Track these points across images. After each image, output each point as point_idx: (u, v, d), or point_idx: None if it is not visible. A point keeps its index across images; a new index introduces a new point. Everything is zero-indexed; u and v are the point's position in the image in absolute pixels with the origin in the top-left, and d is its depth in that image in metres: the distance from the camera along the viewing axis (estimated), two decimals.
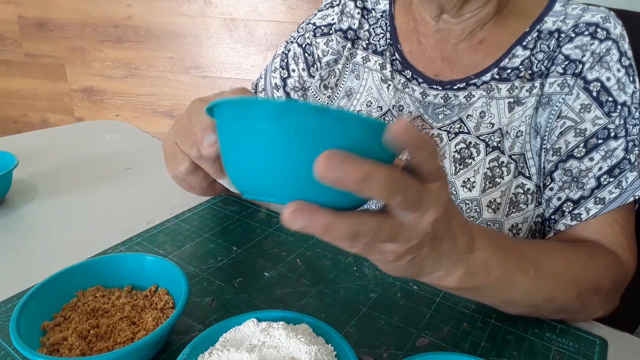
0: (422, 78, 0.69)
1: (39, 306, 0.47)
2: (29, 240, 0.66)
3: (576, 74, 0.61)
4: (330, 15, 0.77)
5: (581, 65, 0.61)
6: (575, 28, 0.62)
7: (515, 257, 0.45)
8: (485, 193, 0.63)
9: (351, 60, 0.75)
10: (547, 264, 0.48)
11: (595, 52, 0.61)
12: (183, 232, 0.67)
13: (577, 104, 0.61)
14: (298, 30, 0.81)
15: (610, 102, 0.59)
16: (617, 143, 0.59)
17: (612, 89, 0.60)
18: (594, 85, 0.60)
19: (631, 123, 0.59)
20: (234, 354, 0.41)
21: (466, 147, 0.64)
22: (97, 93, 2.37)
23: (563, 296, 0.49)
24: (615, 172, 0.58)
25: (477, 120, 0.65)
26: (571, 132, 0.60)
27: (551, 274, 0.48)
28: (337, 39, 0.75)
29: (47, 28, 2.28)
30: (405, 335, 0.50)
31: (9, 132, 2.09)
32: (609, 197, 0.58)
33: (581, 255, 0.53)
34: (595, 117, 0.60)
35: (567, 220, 0.60)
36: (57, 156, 0.94)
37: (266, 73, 0.83)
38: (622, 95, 0.59)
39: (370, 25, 0.75)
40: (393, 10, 0.75)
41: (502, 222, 0.63)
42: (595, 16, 0.62)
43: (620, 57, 0.60)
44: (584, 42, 0.61)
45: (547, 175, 0.63)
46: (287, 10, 2.03)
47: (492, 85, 0.65)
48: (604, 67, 0.60)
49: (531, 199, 0.63)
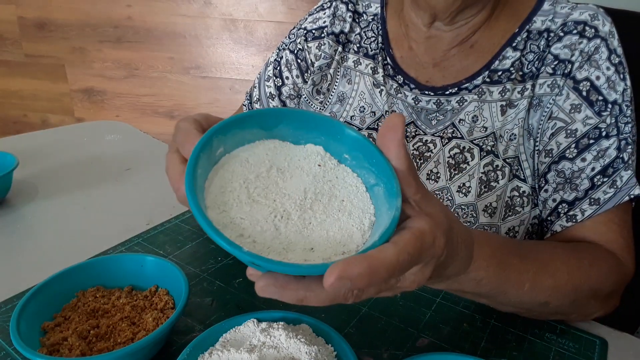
0: (414, 84, 0.68)
1: (39, 306, 0.47)
2: (29, 240, 0.66)
3: (565, 74, 0.61)
4: (322, 18, 0.76)
5: (570, 65, 0.60)
6: (564, 27, 0.62)
7: (514, 275, 0.45)
8: (481, 198, 0.63)
9: (342, 64, 0.74)
10: (547, 277, 0.48)
11: (584, 51, 0.60)
12: (183, 233, 0.67)
13: (567, 104, 0.60)
14: (289, 36, 0.79)
15: (601, 101, 0.59)
16: (609, 142, 0.58)
17: (602, 87, 0.59)
18: (584, 85, 0.60)
19: (623, 121, 0.58)
20: (234, 354, 0.41)
21: (460, 152, 0.64)
22: (97, 93, 2.37)
23: (558, 303, 0.49)
24: (608, 171, 0.58)
25: (469, 124, 0.64)
26: (562, 133, 0.60)
27: (549, 286, 0.48)
28: (329, 42, 0.74)
29: (47, 28, 2.28)
30: (405, 336, 0.50)
31: (9, 133, 2.09)
32: (603, 198, 0.58)
33: (584, 262, 0.52)
34: (585, 117, 0.59)
35: (563, 221, 0.60)
36: (57, 156, 0.94)
37: (260, 82, 0.82)
38: (613, 94, 0.59)
39: (362, 28, 0.74)
40: (385, 14, 0.74)
41: (499, 226, 0.63)
42: (583, 14, 0.61)
43: (610, 55, 0.60)
44: (572, 41, 0.61)
45: (541, 177, 0.62)
46: (287, 11, 2.03)
47: (484, 88, 0.64)
48: (593, 65, 0.59)
49: (527, 201, 0.63)
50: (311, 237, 0.33)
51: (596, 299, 0.52)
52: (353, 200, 0.35)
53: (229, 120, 0.36)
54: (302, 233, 0.33)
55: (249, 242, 0.32)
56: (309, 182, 0.36)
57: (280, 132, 0.38)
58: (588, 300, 0.51)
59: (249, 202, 0.34)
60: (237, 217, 0.33)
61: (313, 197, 0.35)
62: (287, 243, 0.32)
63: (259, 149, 0.37)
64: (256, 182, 0.35)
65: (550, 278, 0.48)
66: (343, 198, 0.35)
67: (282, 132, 0.38)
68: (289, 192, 0.35)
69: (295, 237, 0.33)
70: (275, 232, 0.33)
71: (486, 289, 0.44)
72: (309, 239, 0.33)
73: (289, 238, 0.33)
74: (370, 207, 0.35)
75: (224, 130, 0.36)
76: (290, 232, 0.33)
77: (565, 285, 0.49)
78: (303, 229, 0.33)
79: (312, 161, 0.37)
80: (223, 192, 0.34)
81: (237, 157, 0.36)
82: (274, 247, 0.32)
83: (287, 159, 0.37)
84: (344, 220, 0.34)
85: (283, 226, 0.33)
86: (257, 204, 0.34)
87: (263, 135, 0.38)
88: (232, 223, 0.33)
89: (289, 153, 0.38)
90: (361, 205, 0.35)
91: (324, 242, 0.33)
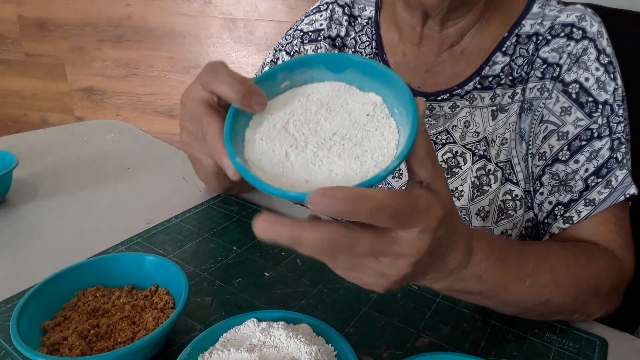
0: None
1: (39, 306, 0.47)
2: (29, 240, 0.66)
3: (554, 78, 0.60)
4: (318, 20, 0.75)
5: (559, 68, 0.60)
6: (551, 30, 0.61)
7: (513, 270, 0.45)
8: (474, 201, 0.63)
9: None
10: (545, 272, 0.48)
11: (571, 54, 0.60)
12: (183, 232, 0.67)
13: (558, 107, 0.60)
14: (285, 37, 0.79)
15: (591, 102, 0.59)
16: (601, 143, 0.58)
17: (592, 89, 0.59)
18: (573, 87, 0.59)
19: (615, 121, 0.58)
20: (234, 353, 0.41)
21: (453, 156, 0.64)
22: (97, 93, 2.37)
23: (560, 300, 0.49)
24: (602, 172, 0.58)
25: (462, 130, 0.65)
26: (554, 136, 0.60)
27: (549, 281, 0.48)
28: (326, 46, 0.74)
29: (47, 28, 2.28)
30: (405, 335, 0.50)
31: (9, 132, 2.09)
32: (598, 198, 0.58)
33: (581, 258, 0.53)
34: (576, 119, 0.59)
35: (560, 223, 0.60)
36: (57, 156, 0.94)
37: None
38: (603, 94, 0.59)
39: (357, 32, 0.74)
40: (379, 19, 0.74)
41: (492, 230, 0.63)
42: (570, 16, 0.61)
43: (599, 56, 0.59)
44: (560, 44, 0.61)
45: (536, 180, 0.62)
46: (287, 10, 2.03)
47: (475, 95, 0.64)
48: (582, 67, 0.59)
49: (520, 204, 0.63)
50: (313, 172, 0.34)
51: (597, 295, 0.51)
52: (375, 153, 0.35)
53: (295, 60, 0.39)
54: (307, 166, 0.34)
55: (255, 159, 0.35)
56: (346, 126, 0.37)
57: (348, 77, 0.39)
58: (589, 297, 0.51)
59: (280, 130, 0.36)
60: (259, 138, 0.36)
61: (339, 140, 0.36)
62: (289, 170, 0.34)
63: (324, 88, 0.39)
64: (300, 116, 0.37)
65: (550, 273, 0.48)
66: (367, 149, 0.36)
67: (350, 77, 0.39)
68: (322, 130, 0.37)
69: (300, 167, 0.34)
70: (285, 158, 0.35)
71: (488, 285, 0.43)
72: (310, 172, 0.34)
73: (293, 166, 0.34)
74: (388, 164, 0.35)
75: (289, 67, 0.39)
76: (297, 162, 0.35)
77: (564, 280, 0.49)
78: (311, 164, 0.35)
79: (365, 109, 0.38)
80: (266, 114, 0.37)
81: (300, 91, 0.39)
82: (274, 171, 0.34)
83: (344, 102, 0.38)
84: (353, 167, 0.34)
85: (294, 155, 0.35)
86: (286, 132, 0.36)
87: (332, 77, 0.39)
88: (252, 140, 0.36)
89: (350, 97, 0.39)
90: (380, 159, 0.35)
91: (323, 179, 0.34)
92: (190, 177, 0.84)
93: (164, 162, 0.92)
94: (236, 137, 0.37)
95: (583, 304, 0.51)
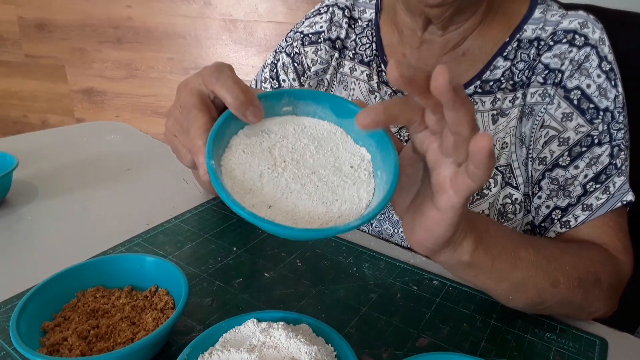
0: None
1: (39, 306, 0.47)
2: (29, 240, 0.66)
3: (556, 84, 0.61)
4: (319, 22, 0.76)
5: (560, 75, 0.60)
6: (554, 36, 0.62)
7: (513, 234, 0.48)
8: (474, 205, 0.63)
9: (339, 70, 0.74)
10: (542, 246, 0.50)
11: (574, 60, 0.60)
12: (183, 233, 0.67)
13: (559, 113, 0.60)
14: (286, 39, 0.79)
15: (592, 109, 0.59)
16: (601, 149, 0.58)
17: (593, 95, 0.59)
18: (574, 94, 0.60)
19: (615, 128, 0.59)
20: (234, 354, 0.41)
21: None
22: (97, 94, 2.37)
23: (567, 283, 0.49)
24: (601, 178, 0.58)
25: None
26: (555, 141, 0.60)
27: (549, 255, 0.49)
28: (326, 48, 0.74)
29: (47, 29, 2.29)
30: (405, 336, 0.50)
31: (9, 133, 2.09)
32: (596, 203, 0.58)
33: (572, 246, 0.54)
34: (577, 125, 0.59)
35: (557, 227, 0.60)
36: (57, 157, 0.94)
37: (256, 84, 0.81)
38: (604, 101, 0.59)
39: (357, 34, 0.74)
40: (379, 20, 0.74)
41: None
42: (572, 22, 0.61)
43: (600, 63, 0.60)
44: (562, 50, 0.61)
45: (535, 184, 0.62)
46: (287, 11, 2.03)
47: (475, 99, 0.64)
48: (584, 74, 0.60)
49: (519, 208, 0.63)
50: (279, 200, 0.35)
51: (599, 287, 0.52)
52: (344, 205, 0.36)
53: (307, 91, 0.40)
54: (275, 193, 0.35)
55: (229, 167, 0.36)
56: (328, 169, 0.38)
57: (349, 125, 0.40)
58: (592, 287, 0.51)
59: (264, 150, 0.37)
60: (242, 149, 0.37)
61: (316, 180, 0.37)
62: (257, 190, 0.35)
63: (322, 127, 0.41)
64: (288, 143, 0.38)
65: (545, 249, 0.50)
66: (338, 198, 0.36)
67: (350, 126, 0.40)
68: (303, 164, 0.37)
69: (268, 191, 0.35)
70: (258, 177, 0.36)
71: (501, 244, 0.45)
72: (276, 200, 0.35)
73: (262, 188, 0.35)
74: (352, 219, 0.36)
75: (298, 95, 0.40)
76: (268, 185, 0.36)
77: (562, 258, 0.50)
78: (279, 192, 0.36)
79: (352, 160, 0.39)
80: (258, 129, 0.39)
81: (299, 121, 0.40)
82: (243, 185, 0.35)
83: (335, 146, 0.39)
84: (318, 211, 0.35)
85: (267, 178, 0.36)
86: (269, 153, 0.37)
87: (333, 119, 0.41)
88: (235, 148, 0.37)
89: (342, 144, 0.40)
90: (347, 213, 0.36)
91: (285, 211, 0.35)
92: (190, 178, 0.84)
93: (164, 163, 0.92)
94: (220, 140, 0.37)
95: (587, 293, 0.51)
